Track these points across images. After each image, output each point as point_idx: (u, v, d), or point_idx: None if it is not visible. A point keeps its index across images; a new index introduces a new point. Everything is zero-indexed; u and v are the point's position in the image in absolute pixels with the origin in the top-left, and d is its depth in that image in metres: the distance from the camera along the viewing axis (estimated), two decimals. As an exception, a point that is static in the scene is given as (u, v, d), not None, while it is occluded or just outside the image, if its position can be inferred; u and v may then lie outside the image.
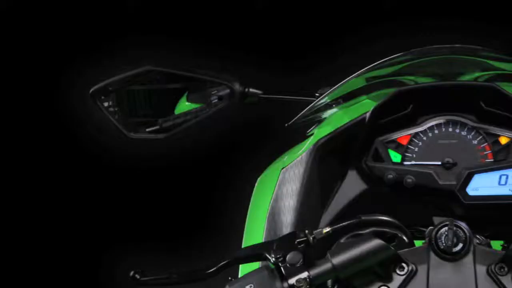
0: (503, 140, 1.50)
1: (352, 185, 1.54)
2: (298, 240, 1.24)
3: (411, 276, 1.23)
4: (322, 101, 1.56)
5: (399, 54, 1.51)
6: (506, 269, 1.20)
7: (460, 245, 1.22)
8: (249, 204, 1.60)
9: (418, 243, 1.31)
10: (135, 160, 2.92)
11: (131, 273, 1.29)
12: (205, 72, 1.74)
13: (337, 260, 1.19)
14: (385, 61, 1.52)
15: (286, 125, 1.58)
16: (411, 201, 1.54)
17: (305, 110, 1.55)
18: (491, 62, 1.61)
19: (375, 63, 1.51)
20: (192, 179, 3.12)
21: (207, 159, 3.07)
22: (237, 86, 1.74)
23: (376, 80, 1.61)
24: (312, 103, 1.56)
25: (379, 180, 1.52)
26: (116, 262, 2.94)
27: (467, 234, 1.22)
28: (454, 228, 1.22)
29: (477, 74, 1.60)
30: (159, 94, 1.83)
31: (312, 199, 1.51)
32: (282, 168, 1.53)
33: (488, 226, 1.48)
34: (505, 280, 1.20)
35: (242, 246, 1.49)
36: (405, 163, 1.52)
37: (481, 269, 1.21)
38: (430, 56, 1.57)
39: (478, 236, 1.39)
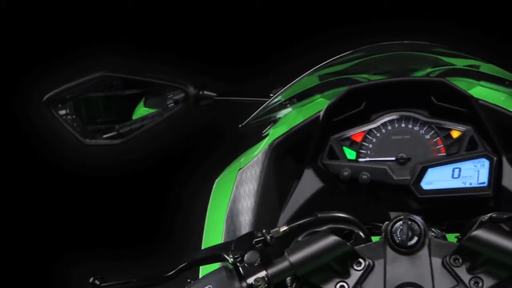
0: (455, 134, 1.52)
1: (308, 184, 1.55)
2: (255, 239, 1.25)
3: (368, 271, 1.24)
4: (275, 100, 1.57)
5: (350, 51, 1.53)
6: (460, 260, 1.22)
7: (415, 239, 1.23)
8: (207, 206, 1.60)
9: (376, 238, 1.32)
10: (93, 167, 2.91)
11: (91, 279, 1.29)
12: (159, 77, 1.75)
13: (294, 258, 1.20)
14: (337, 58, 1.53)
15: (240, 126, 1.59)
16: (368, 197, 1.55)
17: (258, 110, 1.56)
18: (442, 57, 1.64)
19: (327, 61, 1.52)
20: (151, 185, 3.12)
21: (165, 163, 3.07)
22: (191, 89, 1.75)
23: (329, 79, 1.63)
24: (265, 103, 1.57)
25: (335, 178, 1.53)
26: (73, 269, 2.93)
27: (422, 227, 1.23)
28: (409, 222, 1.23)
29: (429, 70, 1.62)
30: (117, 100, 1.83)
31: (270, 198, 1.52)
32: (239, 169, 1.54)
33: (443, 219, 1.51)
34: (459, 271, 1.21)
35: (202, 248, 1.50)
36: (360, 160, 1.53)
37: (437, 261, 1.23)
38: (381, 53, 1.59)
39: (433, 229, 1.41)
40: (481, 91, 1.55)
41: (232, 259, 1.22)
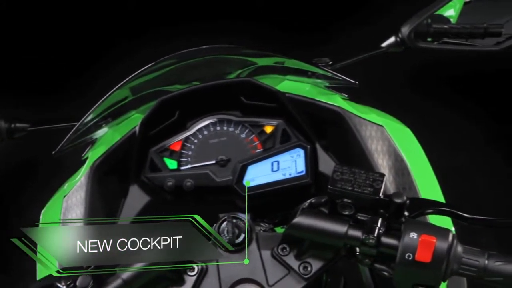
0: (268, 129, 1.57)
1: (135, 200, 1.55)
2: None
3: (202, 274, 1.25)
4: (87, 120, 1.55)
5: (157, 60, 1.54)
6: (288, 249, 1.25)
7: (242, 235, 1.25)
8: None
9: (211, 243, 1.34)
10: None
11: None
12: None
13: (126, 274, 1.20)
14: (145, 69, 1.54)
15: (53, 152, 1.56)
16: (196, 203, 1.57)
17: (70, 134, 1.54)
18: (249, 58, 1.68)
19: (135, 73, 1.52)
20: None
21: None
22: (1, 123, 1.72)
23: (142, 92, 1.63)
24: (76, 125, 1.55)
25: (161, 189, 1.55)
26: None
27: (247, 223, 1.26)
28: (234, 221, 1.25)
29: (239, 71, 1.67)
30: None
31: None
32: (64, 196, 1.52)
33: (273, 212, 1.54)
34: (288, 259, 1.24)
35: (37, 279, 1.47)
36: (182, 168, 1.55)
37: (266, 254, 1.25)
38: (189, 59, 1.61)
39: (262, 224, 1.45)
40: (288, 85, 1.61)
41: (64, 286, 1.21)
